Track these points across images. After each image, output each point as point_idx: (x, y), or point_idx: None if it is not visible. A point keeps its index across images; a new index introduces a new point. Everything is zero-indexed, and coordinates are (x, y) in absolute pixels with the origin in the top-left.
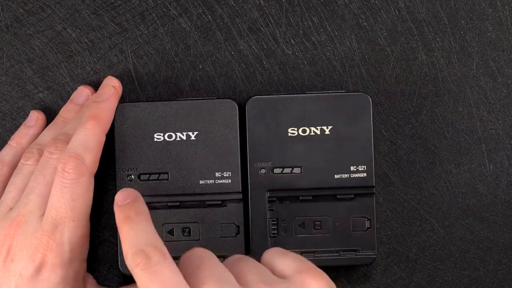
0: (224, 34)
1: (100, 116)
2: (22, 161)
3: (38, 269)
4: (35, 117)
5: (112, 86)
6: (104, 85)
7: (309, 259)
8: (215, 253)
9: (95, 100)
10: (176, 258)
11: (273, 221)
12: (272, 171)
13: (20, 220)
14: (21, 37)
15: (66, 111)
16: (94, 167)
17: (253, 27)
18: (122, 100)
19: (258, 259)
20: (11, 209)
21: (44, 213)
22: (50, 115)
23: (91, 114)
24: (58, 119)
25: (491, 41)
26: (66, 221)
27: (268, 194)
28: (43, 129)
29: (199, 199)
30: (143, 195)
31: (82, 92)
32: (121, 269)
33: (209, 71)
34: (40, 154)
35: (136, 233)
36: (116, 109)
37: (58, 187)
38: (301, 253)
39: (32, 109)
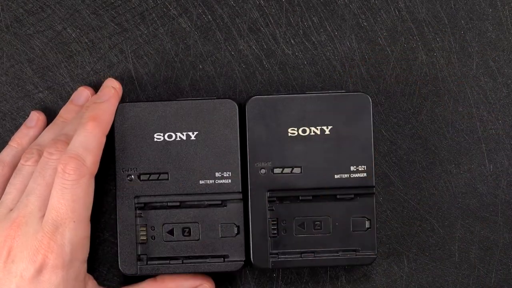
0: (224, 34)
1: (100, 117)
2: (21, 161)
3: (39, 270)
4: (36, 118)
5: (112, 87)
6: (104, 86)
7: (308, 259)
8: (215, 253)
9: (95, 101)
10: (176, 258)
11: (273, 221)
12: (272, 171)
13: (20, 221)
14: (21, 37)
15: (66, 112)
16: (95, 168)
17: (253, 27)
18: (122, 100)
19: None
20: (11, 210)
21: (44, 214)
22: (50, 115)
23: (91, 115)
24: (58, 120)
25: (491, 41)
26: (66, 222)
27: (268, 194)
28: (43, 130)
29: (199, 199)
30: (143, 195)
31: (82, 92)
32: (121, 269)
33: (209, 71)
34: (40, 154)
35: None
36: (116, 109)
37: (59, 188)
38: (301, 253)
39: (32, 110)
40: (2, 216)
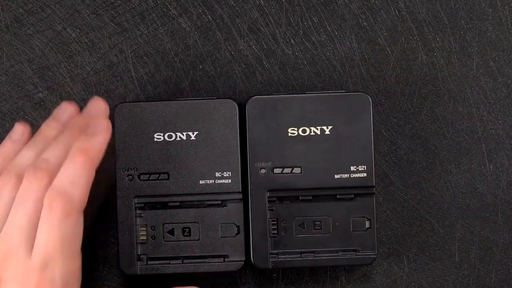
0: (224, 34)
1: (91, 151)
2: (0, 183)
3: None
4: (21, 131)
5: (105, 119)
6: (97, 116)
7: (309, 259)
8: (215, 253)
9: (87, 133)
10: (176, 258)
11: (273, 221)
12: (272, 171)
13: (7, 255)
14: (21, 37)
15: (48, 128)
16: (83, 204)
17: (253, 27)
18: (122, 100)
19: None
20: None
21: (31, 247)
22: (50, 115)
23: (81, 148)
24: (38, 136)
25: (491, 41)
26: (56, 257)
27: (268, 194)
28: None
29: (199, 199)
30: (143, 195)
31: (66, 108)
32: (121, 269)
33: (209, 71)
34: (19, 178)
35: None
36: (116, 109)
37: (47, 225)
38: (301, 253)
39: (32, 110)
40: None
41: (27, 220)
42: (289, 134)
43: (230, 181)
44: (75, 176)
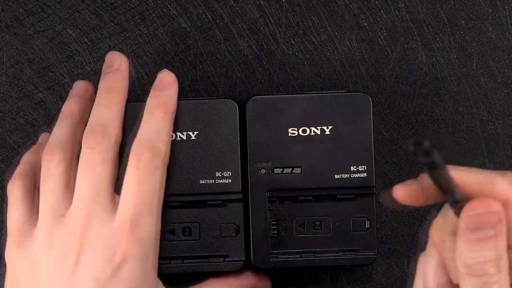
0: (224, 34)
1: (167, 104)
2: (45, 164)
3: (118, 268)
4: (84, 87)
5: (169, 73)
6: (161, 76)
7: (309, 259)
8: (215, 253)
9: (155, 88)
10: (176, 258)
11: (273, 221)
12: (272, 171)
13: (88, 223)
14: (21, 37)
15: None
16: (167, 157)
17: (253, 27)
18: None
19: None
20: (61, 216)
21: (112, 209)
22: (50, 116)
23: (157, 102)
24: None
25: (491, 41)
26: (145, 214)
27: (268, 194)
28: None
29: (199, 199)
30: None
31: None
32: None
33: (209, 71)
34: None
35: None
36: None
37: (134, 180)
38: (301, 253)
39: (32, 109)
40: (54, 220)
41: (98, 184)
42: (289, 134)
43: (230, 181)
44: (158, 129)
